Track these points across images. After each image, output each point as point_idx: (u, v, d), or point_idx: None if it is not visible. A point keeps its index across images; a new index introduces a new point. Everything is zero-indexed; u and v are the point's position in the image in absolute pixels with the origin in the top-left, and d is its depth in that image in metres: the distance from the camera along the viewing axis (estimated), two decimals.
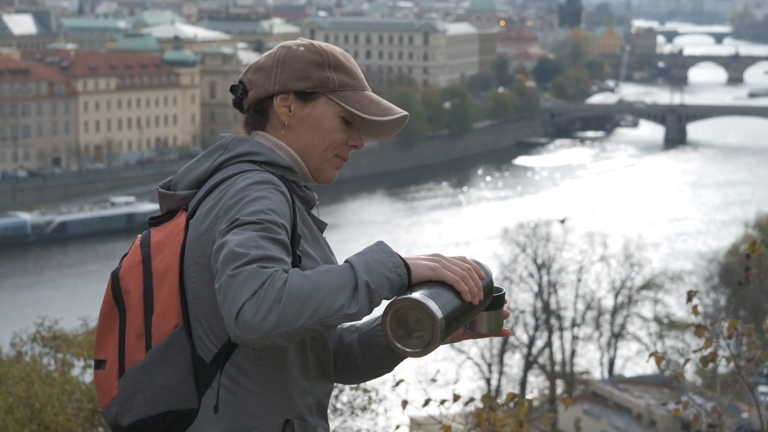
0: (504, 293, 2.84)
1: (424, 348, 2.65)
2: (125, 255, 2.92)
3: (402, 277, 2.67)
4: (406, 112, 2.94)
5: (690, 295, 5.27)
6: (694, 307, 5.26)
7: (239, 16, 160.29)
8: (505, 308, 2.87)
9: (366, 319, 2.85)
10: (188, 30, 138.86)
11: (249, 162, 2.86)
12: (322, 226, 2.99)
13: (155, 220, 2.93)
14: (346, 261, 2.68)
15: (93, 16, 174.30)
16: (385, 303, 2.69)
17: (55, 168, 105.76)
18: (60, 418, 12.14)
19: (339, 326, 3.03)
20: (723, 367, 5.59)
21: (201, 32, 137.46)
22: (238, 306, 2.55)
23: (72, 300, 61.17)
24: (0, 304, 66.59)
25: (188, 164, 2.94)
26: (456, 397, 5.68)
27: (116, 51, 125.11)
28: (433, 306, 2.61)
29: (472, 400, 5.74)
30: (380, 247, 2.71)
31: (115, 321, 2.86)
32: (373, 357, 3.06)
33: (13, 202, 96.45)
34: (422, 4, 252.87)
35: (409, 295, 2.63)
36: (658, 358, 5.28)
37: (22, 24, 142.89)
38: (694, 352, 5.18)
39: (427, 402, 5.83)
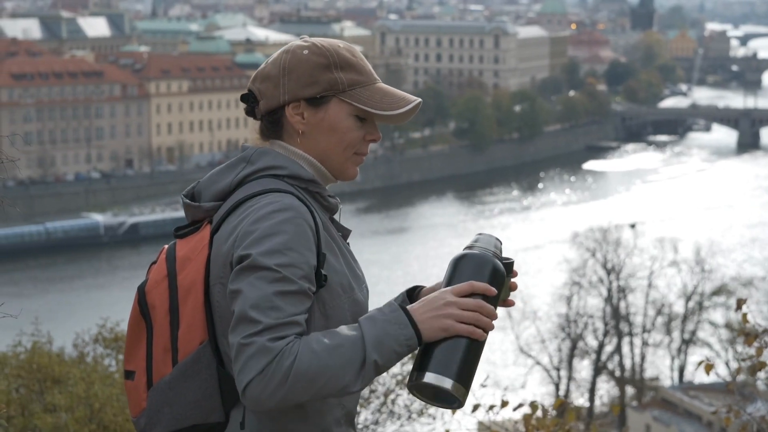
0: (512, 262, 2.83)
1: (460, 404, 2.74)
2: (153, 263, 2.92)
3: (412, 347, 2.70)
4: (419, 99, 2.90)
5: (739, 303, 5.19)
6: (744, 316, 5.18)
7: (310, 19, 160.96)
8: (514, 280, 2.85)
9: None
10: (260, 33, 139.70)
11: (272, 177, 2.85)
12: (346, 233, 2.97)
13: (180, 232, 2.92)
14: (360, 325, 2.68)
15: (166, 19, 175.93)
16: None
17: (127, 169, 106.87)
18: (119, 418, 12.28)
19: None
20: None
21: (272, 35, 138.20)
22: (246, 380, 2.61)
23: None
24: (71, 305, 67.37)
25: (211, 174, 2.93)
26: (504, 403, 5.64)
27: (188, 53, 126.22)
28: (448, 383, 2.68)
29: (520, 406, 5.69)
30: (395, 317, 2.70)
31: (143, 334, 2.88)
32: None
33: (86, 203, 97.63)
34: (493, 7, 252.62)
35: (423, 381, 2.69)
36: (708, 366, 5.22)
37: (96, 27, 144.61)
38: (743, 360, 5.11)
39: (475, 408, 5.79)
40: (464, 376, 2.68)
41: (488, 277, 2.74)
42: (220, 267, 2.78)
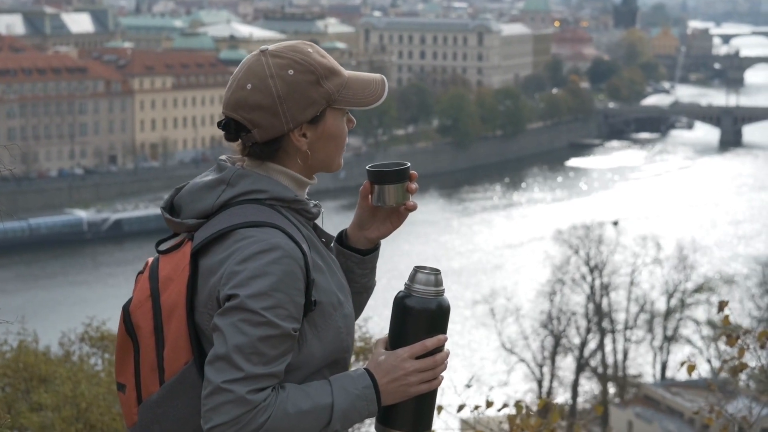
0: (408, 166, 3.02)
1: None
2: (140, 272, 2.97)
3: (372, 416, 2.86)
4: (382, 75, 2.98)
5: (721, 306, 5.25)
6: (725, 317, 5.24)
7: (294, 16, 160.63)
8: (413, 185, 3.04)
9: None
10: (244, 29, 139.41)
11: (254, 201, 2.87)
12: (329, 239, 3.02)
13: (162, 248, 2.96)
14: (332, 391, 2.79)
15: (150, 15, 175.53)
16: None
17: (111, 166, 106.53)
18: (106, 417, 12.27)
19: None
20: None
21: (256, 32, 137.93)
22: (217, 423, 2.69)
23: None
24: (55, 301, 67.20)
25: (191, 190, 2.94)
26: (489, 404, 5.69)
27: (172, 50, 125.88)
28: None
29: (505, 405, 5.75)
30: (366, 394, 2.83)
31: (130, 351, 2.92)
32: (350, 276, 3.10)
33: (69, 199, 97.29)
34: (477, 5, 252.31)
35: None
36: (690, 367, 5.28)
37: (80, 22, 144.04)
38: (724, 361, 5.17)
39: (461, 407, 5.85)
40: (425, 422, 2.90)
41: (437, 323, 2.89)
42: (207, 298, 2.81)
